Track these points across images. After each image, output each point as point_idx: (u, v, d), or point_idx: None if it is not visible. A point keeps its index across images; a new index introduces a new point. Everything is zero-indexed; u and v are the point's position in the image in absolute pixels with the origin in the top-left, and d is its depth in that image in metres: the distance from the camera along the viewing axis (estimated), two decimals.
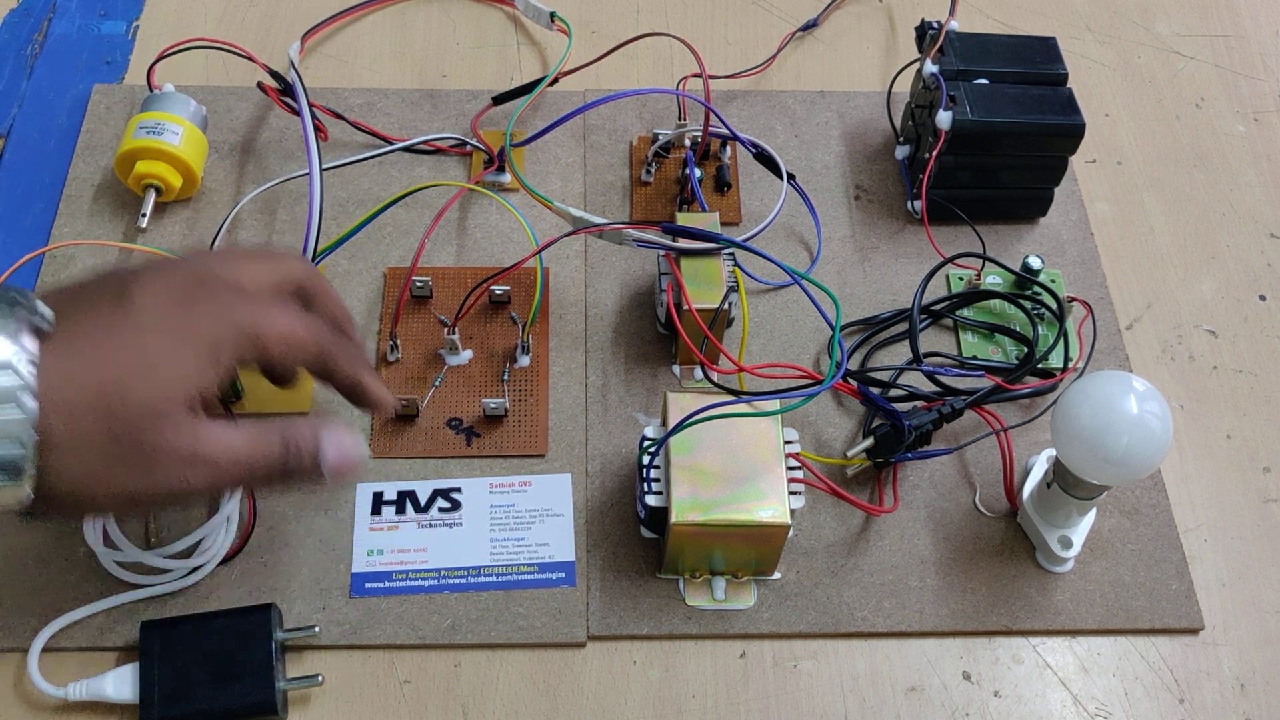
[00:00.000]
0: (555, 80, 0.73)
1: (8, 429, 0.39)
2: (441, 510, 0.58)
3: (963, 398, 0.59)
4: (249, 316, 0.45)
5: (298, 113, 0.66)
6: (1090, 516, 0.58)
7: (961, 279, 0.67)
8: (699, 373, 0.63)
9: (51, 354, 0.40)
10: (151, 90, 0.68)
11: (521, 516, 0.58)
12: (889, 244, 0.69)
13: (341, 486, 0.51)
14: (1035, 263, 0.65)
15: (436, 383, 0.62)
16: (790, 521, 0.52)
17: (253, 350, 0.45)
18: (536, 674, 0.54)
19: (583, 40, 0.77)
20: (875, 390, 0.60)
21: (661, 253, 0.61)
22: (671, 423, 0.53)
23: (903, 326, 0.65)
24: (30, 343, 0.40)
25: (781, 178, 0.67)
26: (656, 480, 0.53)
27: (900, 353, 0.64)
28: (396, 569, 0.56)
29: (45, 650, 0.53)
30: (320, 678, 0.53)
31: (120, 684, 0.51)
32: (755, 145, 0.68)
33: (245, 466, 0.44)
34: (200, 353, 0.43)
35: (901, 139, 0.72)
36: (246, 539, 0.57)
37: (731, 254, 0.61)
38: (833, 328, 0.56)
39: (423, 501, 0.58)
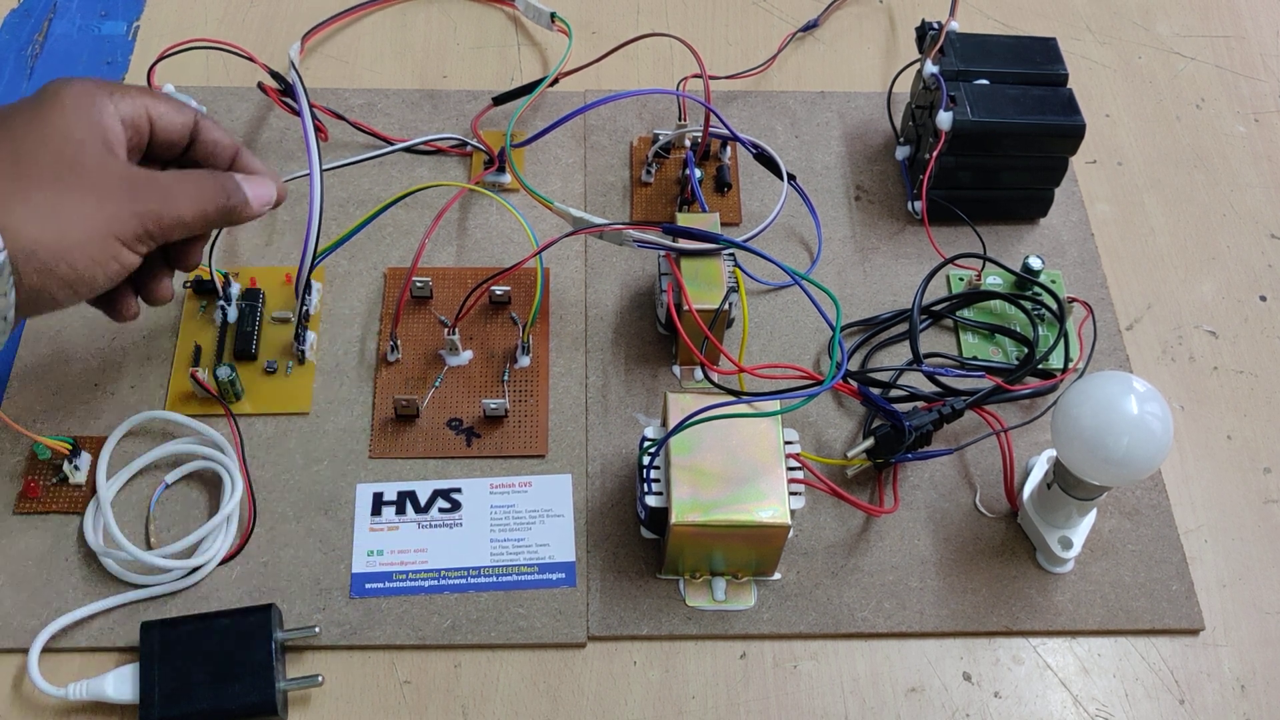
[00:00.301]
0: (555, 81, 0.73)
1: None
2: (442, 511, 0.58)
3: (963, 398, 0.59)
4: (139, 91, 0.50)
5: (298, 113, 0.66)
6: (1090, 517, 0.58)
7: (962, 279, 0.67)
8: (699, 373, 0.63)
9: None
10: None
11: (522, 517, 0.58)
12: (889, 244, 0.69)
13: (261, 214, 0.54)
14: (1036, 263, 0.65)
15: (437, 383, 0.62)
16: (790, 522, 0.52)
17: (145, 115, 0.50)
18: (537, 674, 0.54)
19: (583, 41, 0.77)
20: (875, 391, 0.60)
21: (662, 253, 0.61)
22: (672, 423, 0.53)
23: (903, 327, 0.65)
24: None
25: (782, 178, 0.67)
26: (657, 481, 0.53)
27: (900, 353, 0.64)
28: (397, 569, 0.56)
29: (45, 650, 0.53)
30: (320, 678, 0.53)
31: (120, 684, 0.51)
32: (756, 146, 0.68)
33: (188, 195, 0.49)
34: (103, 110, 0.48)
35: (902, 139, 0.72)
36: (246, 539, 0.57)
37: (732, 254, 0.61)
38: (833, 328, 0.56)
39: (423, 502, 0.58)
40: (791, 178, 0.69)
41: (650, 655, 0.55)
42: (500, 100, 0.71)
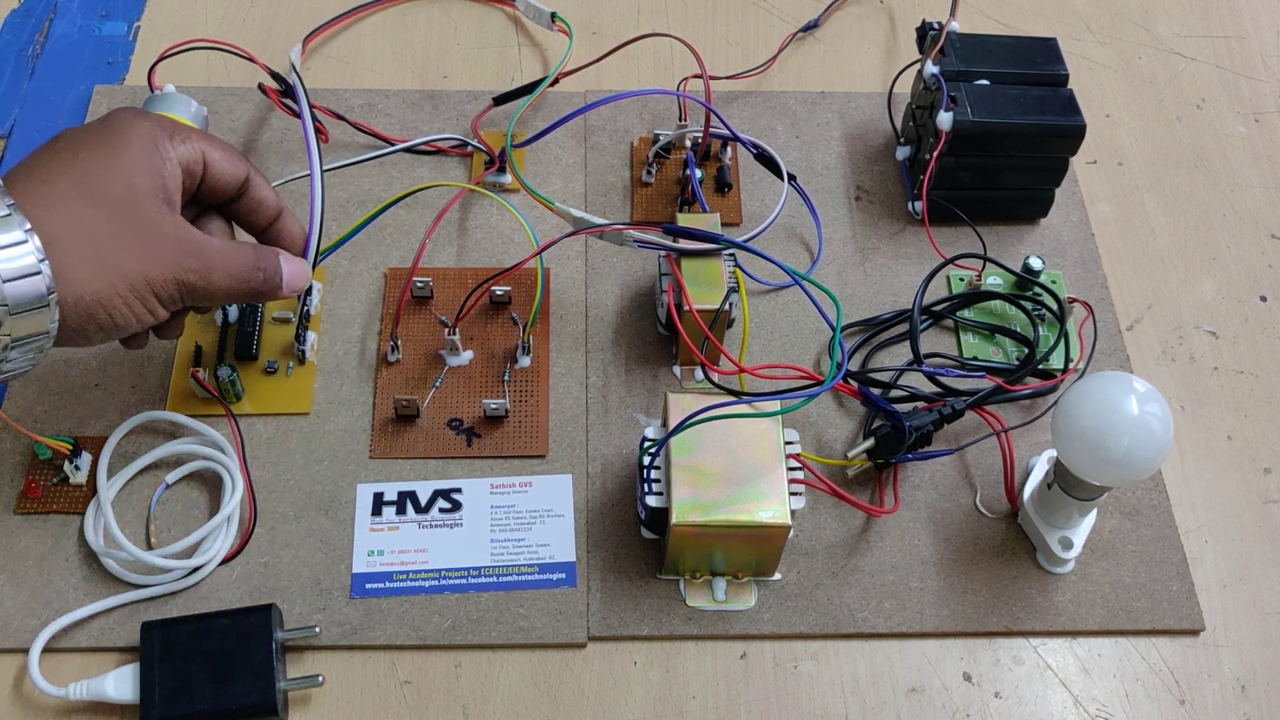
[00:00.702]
0: (556, 81, 0.73)
1: (18, 269, 0.43)
2: (442, 511, 0.58)
3: (963, 398, 0.59)
4: (199, 136, 0.51)
5: (298, 115, 0.66)
6: (1091, 517, 0.58)
7: (962, 280, 0.67)
8: (699, 373, 0.63)
9: (24, 187, 0.45)
10: (153, 91, 0.68)
11: (522, 517, 0.58)
12: (890, 245, 0.69)
13: (289, 297, 0.55)
14: (1036, 263, 0.65)
15: (437, 383, 0.62)
16: (791, 522, 0.52)
17: (201, 160, 0.51)
18: (537, 675, 0.54)
19: (583, 41, 0.77)
20: (876, 391, 0.60)
21: (662, 253, 0.61)
22: (672, 423, 0.53)
23: (903, 327, 0.65)
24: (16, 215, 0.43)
25: (782, 178, 0.67)
26: (657, 481, 0.53)
27: (901, 353, 0.64)
28: (397, 569, 0.56)
29: (46, 650, 0.53)
30: (321, 678, 0.53)
31: (121, 684, 0.51)
32: (756, 146, 0.68)
33: (226, 269, 0.50)
34: (165, 156, 0.49)
35: (902, 140, 0.72)
36: (247, 539, 0.57)
37: (732, 255, 0.61)
38: (833, 328, 0.56)
39: (423, 502, 0.58)
40: (792, 178, 0.69)
41: (651, 655, 0.55)
42: (501, 100, 0.71)
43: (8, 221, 0.43)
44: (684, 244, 0.60)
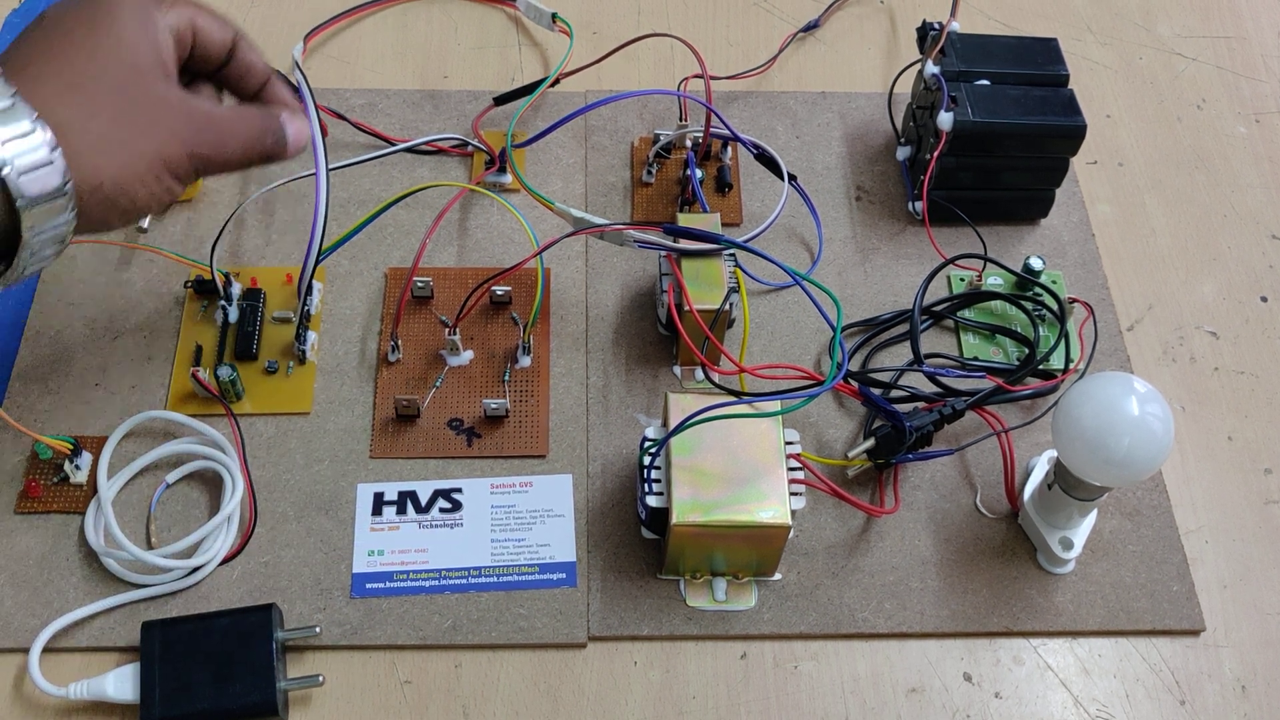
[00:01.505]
0: (556, 81, 0.73)
1: (50, 230, 0.42)
2: (442, 511, 0.58)
3: (964, 399, 0.59)
4: (184, 2, 0.50)
5: (304, 111, 0.66)
6: (1091, 518, 0.58)
7: (963, 280, 0.67)
8: (700, 373, 0.63)
9: (22, 75, 0.44)
10: None
11: (522, 517, 0.58)
12: (890, 245, 0.69)
13: (295, 156, 0.54)
14: (1036, 264, 0.65)
15: (437, 383, 0.62)
16: (791, 522, 0.52)
17: (190, 27, 0.50)
18: (537, 675, 0.54)
19: (584, 41, 0.77)
20: (876, 391, 0.60)
21: (663, 253, 0.61)
22: (672, 423, 0.53)
23: (904, 327, 0.65)
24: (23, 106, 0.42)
25: (783, 178, 0.67)
26: (657, 481, 0.53)
27: (901, 354, 0.64)
28: (397, 569, 0.56)
29: (46, 650, 0.53)
30: (321, 678, 0.53)
31: (121, 684, 0.51)
32: (756, 146, 0.68)
33: (237, 136, 0.49)
34: (158, 27, 0.47)
35: (903, 140, 0.72)
36: (247, 539, 0.57)
37: (733, 255, 0.61)
38: (834, 328, 0.56)
39: (423, 502, 0.58)
40: (792, 178, 0.69)
41: (651, 655, 0.55)
42: (501, 100, 0.71)
43: (13, 112, 0.41)
44: (684, 244, 0.60)
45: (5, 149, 0.41)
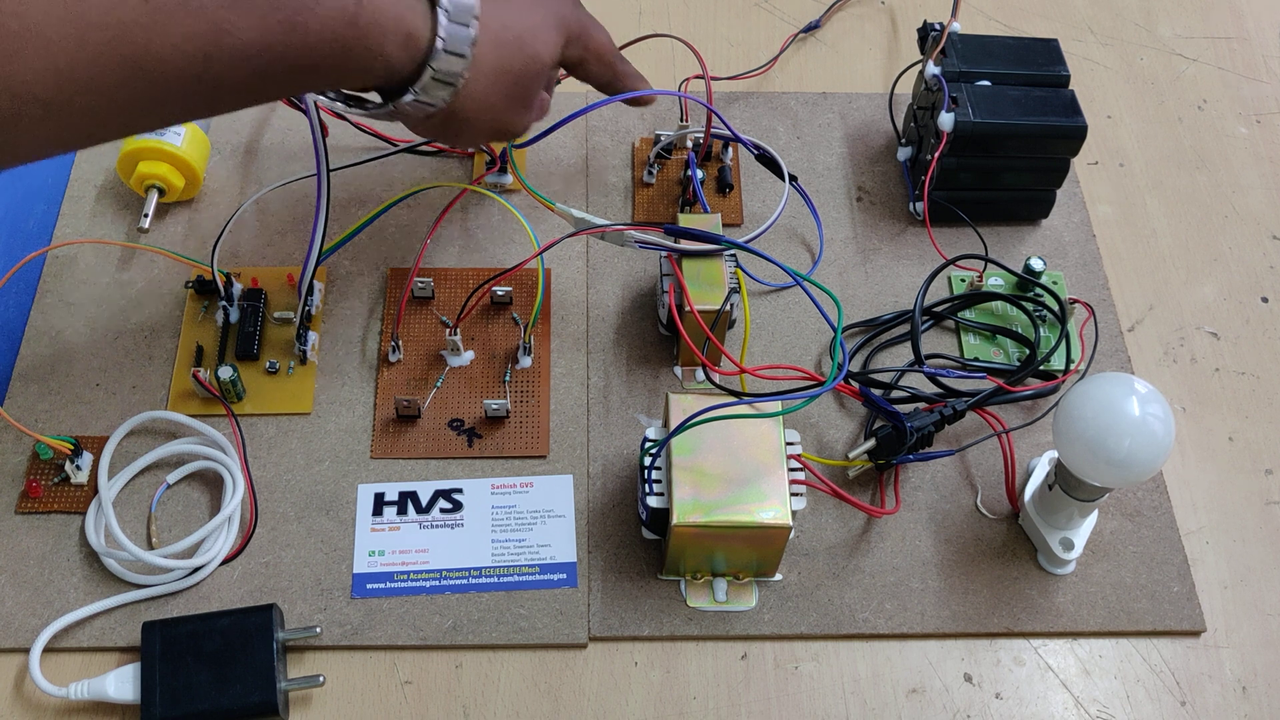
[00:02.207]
0: (557, 82, 0.72)
1: (458, 42, 0.49)
2: (443, 511, 0.58)
3: (964, 399, 0.59)
4: (586, 20, 0.59)
5: (304, 111, 0.66)
6: (1092, 518, 0.58)
7: (963, 280, 0.67)
8: (700, 374, 0.63)
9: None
10: None
11: (523, 517, 0.58)
12: (891, 245, 0.69)
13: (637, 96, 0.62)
14: (1037, 264, 0.65)
15: (438, 384, 0.62)
16: (792, 523, 0.52)
17: (578, 47, 0.58)
18: (538, 675, 0.54)
19: None
20: (877, 392, 0.60)
21: (664, 254, 0.61)
22: (673, 424, 0.53)
23: (904, 328, 0.65)
24: None
25: (784, 179, 0.67)
26: (658, 481, 0.53)
27: (902, 354, 0.64)
28: (398, 570, 0.56)
29: (47, 650, 0.53)
30: (321, 678, 0.53)
31: (121, 684, 0.51)
32: (758, 147, 0.68)
33: (606, 38, 0.60)
34: (560, 35, 0.56)
35: (903, 141, 0.72)
36: (248, 539, 0.57)
37: (733, 255, 0.61)
38: (834, 329, 0.56)
39: (424, 502, 0.58)
40: (793, 179, 0.69)
41: (651, 656, 0.55)
42: None
43: None
44: (685, 244, 0.60)
45: None
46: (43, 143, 0.41)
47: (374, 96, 0.53)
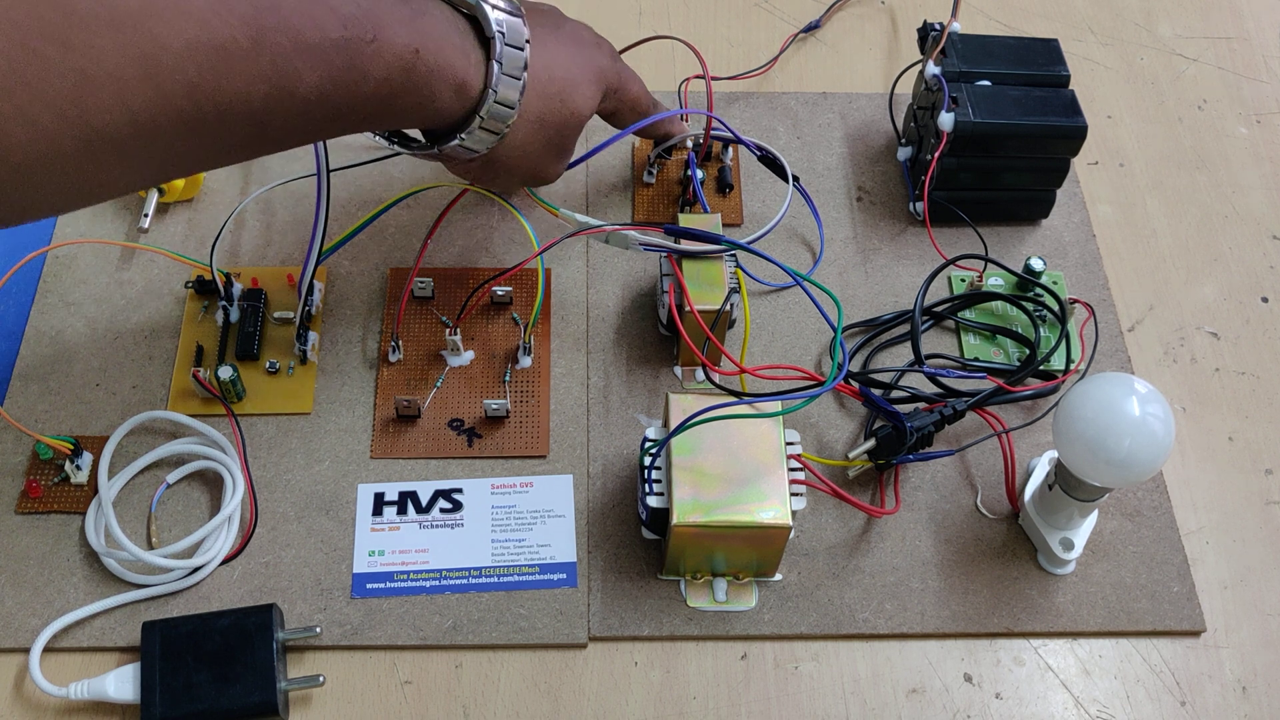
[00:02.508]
0: None
1: (509, 93, 0.51)
2: (443, 511, 0.58)
3: (964, 399, 0.59)
4: (624, 73, 0.61)
5: None
6: (1092, 518, 0.58)
7: (963, 280, 0.67)
8: (700, 374, 0.63)
9: (532, 46, 0.53)
10: None
11: (523, 517, 0.58)
12: (891, 245, 0.69)
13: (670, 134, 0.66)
14: (1037, 264, 0.65)
15: (438, 384, 0.62)
16: (792, 523, 0.52)
17: (614, 100, 0.60)
18: (538, 675, 0.54)
19: None
20: (877, 392, 0.60)
21: (664, 254, 0.61)
22: (673, 424, 0.53)
23: (904, 328, 0.65)
24: (528, 30, 0.52)
25: (787, 180, 0.67)
26: (658, 481, 0.53)
27: (902, 354, 0.64)
28: (398, 569, 0.56)
29: (47, 650, 0.53)
30: (321, 678, 0.53)
31: (121, 684, 0.51)
32: (760, 148, 0.68)
33: (640, 85, 0.62)
34: (599, 88, 0.58)
35: (903, 141, 0.72)
36: (248, 539, 0.57)
37: (734, 255, 0.61)
38: (834, 329, 0.56)
39: (424, 502, 0.58)
40: (796, 179, 0.69)
41: (651, 656, 0.55)
42: None
43: (526, 40, 0.52)
44: (685, 245, 0.60)
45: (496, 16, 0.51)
46: (109, 184, 0.42)
47: (419, 135, 0.55)
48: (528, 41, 0.52)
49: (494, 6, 0.51)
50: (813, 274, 0.67)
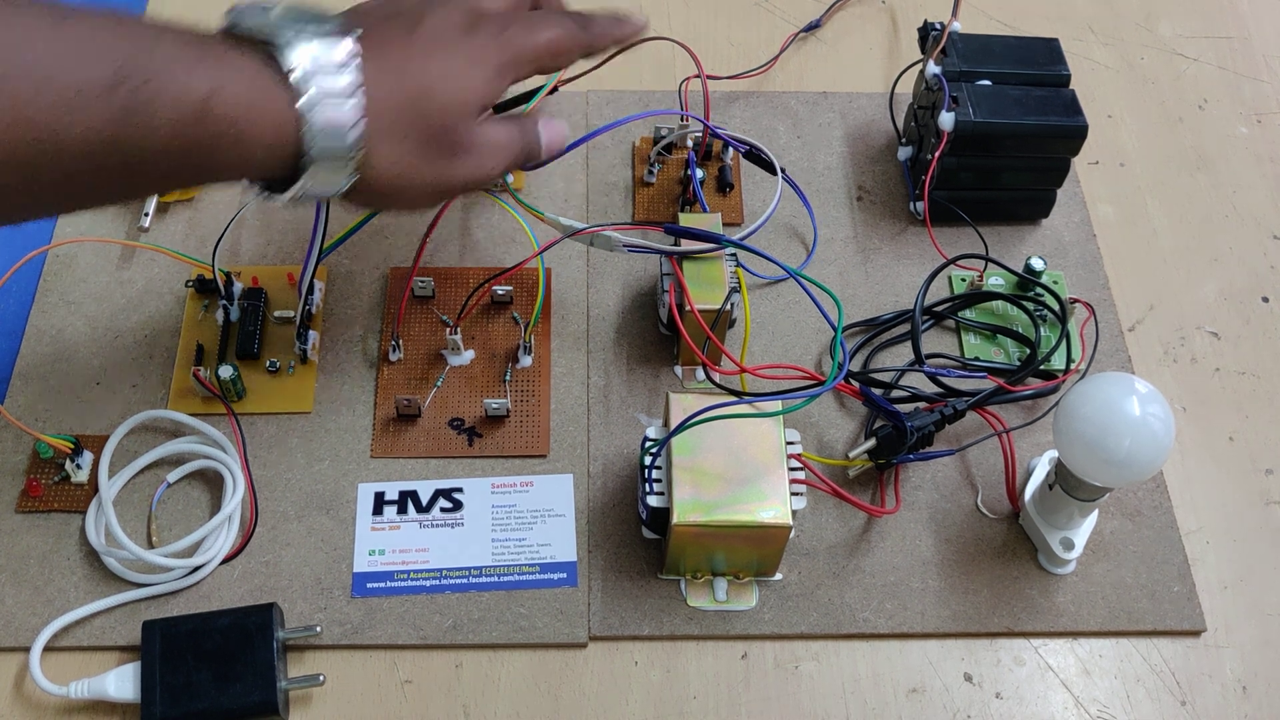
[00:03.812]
0: (556, 88, 0.72)
1: (333, 124, 0.45)
2: (443, 510, 0.58)
3: (965, 399, 0.59)
4: (519, 38, 0.52)
5: None
6: (1092, 518, 0.58)
7: (964, 280, 0.67)
8: (701, 373, 0.63)
9: (368, 60, 0.47)
10: None
11: (523, 517, 0.58)
12: (891, 245, 0.69)
13: (553, 160, 0.57)
14: (1038, 264, 0.65)
15: (438, 383, 0.62)
16: (792, 522, 0.52)
17: (529, 67, 0.53)
18: (538, 674, 0.54)
19: None
20: (877, 391, 0.60)
21: (649, 254, 0.61)
22: (673, 423, 0.53)
23: (905, 328, 0.65)
24: (356, 47, 0.46)
25: (774, 173, 0.67)
26: (658, 481, 0.53)
27: (902, 354, 0.64)
28: (398, 569, 0.56)
29: (47, 649, 0.53)
30: (322, 678, 0.53)
31: (122, 683, 0.51)
32: (744, 143, 0.68)
33: (506, 153, 0.53)
34: (488, 75, 0.51)
35: (904, 140, 0.72)
36: (248, 539, 0.57)
37: (734, 254, 0.61)
38: (835, 328, 0.56)
39: (424, 501, 0.58)
40: (783, 170, 0.68)
41: (651, 655, 0.55)
42: (502, 109, 0.71)
43: (348, 61, 0.46)
44: (663, 245, 0.60)
45: (311, 63, 0.45)
46: None
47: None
48: (357, 57, 0.46)
49: (300, 32, 0.45)
50: (806, 266, 0.67)
